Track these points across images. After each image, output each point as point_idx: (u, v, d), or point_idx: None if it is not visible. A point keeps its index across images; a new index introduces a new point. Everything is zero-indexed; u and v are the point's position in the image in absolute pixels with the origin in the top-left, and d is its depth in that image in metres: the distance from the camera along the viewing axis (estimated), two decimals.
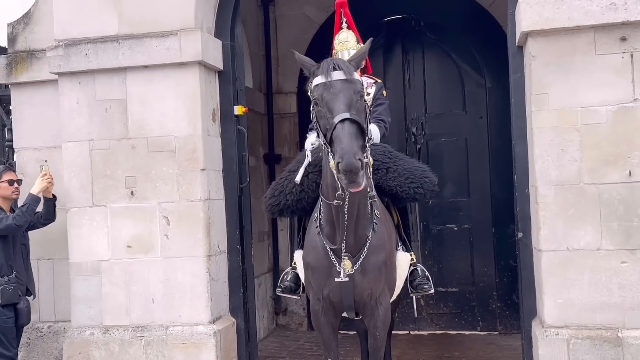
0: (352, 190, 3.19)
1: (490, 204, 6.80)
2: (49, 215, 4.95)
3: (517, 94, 4.68)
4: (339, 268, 3.52)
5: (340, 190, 3.27)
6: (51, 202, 4.93)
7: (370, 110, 4.41)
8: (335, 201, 3.38)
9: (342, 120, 3.09)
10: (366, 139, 3.20)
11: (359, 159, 2.99)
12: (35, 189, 4.79)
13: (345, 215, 3.42)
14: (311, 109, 3.36)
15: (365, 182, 3.12)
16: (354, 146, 3.02)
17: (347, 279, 3.53)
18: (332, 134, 3.11)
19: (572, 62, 4.31)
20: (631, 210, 4.23)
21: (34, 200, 4.74)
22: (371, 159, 3.34)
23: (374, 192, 3.54)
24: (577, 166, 4.30)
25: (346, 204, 3.38)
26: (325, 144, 3.22)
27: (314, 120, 3.35)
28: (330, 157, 3.16)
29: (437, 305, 6.92)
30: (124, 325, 4.98)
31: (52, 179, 4.87)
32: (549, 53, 4.34)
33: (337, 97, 3.18)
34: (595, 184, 4.28)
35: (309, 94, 3.40)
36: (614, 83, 4.25)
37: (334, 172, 3.13)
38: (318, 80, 3.29)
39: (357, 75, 3.36)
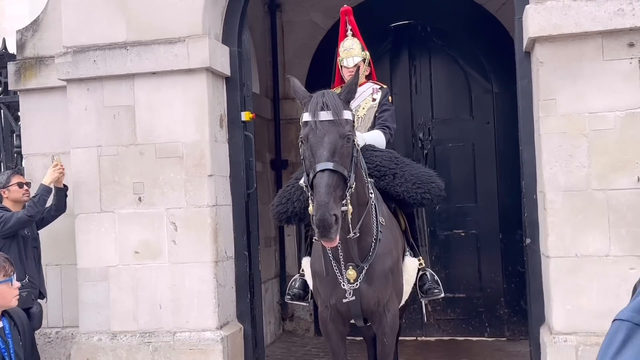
0: (324, 244, 3.19)
1: (497, 210, 6.78)
2: (60, 205, 4.97)
3: (525, 100, 4.67)
4: (343, 285, 3.50)
5: (316, 237, 3.23)
6: (62, 192, 4.96)
7: (376, 116, 4.44)
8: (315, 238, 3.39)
9: (322, 170, 3.04)
10: (347, 186, 3.15)
11: (334, 214, 2.96)
12: (47, 180, 4.82)
13: (339, 246, 3.39)
14: (299, 144, 3.31)
15: (338, 238, 3.07)
16: (330, 200, 2.98)
17: (353, 297, 3.52)
18: (312, 180, 3.08)
19: (579, 68, 4.30)
20: None
21: (45, 190, 4.78)
22: (350, 208, 3.23)
23: (356, 234, 3.42)
24: (586, 172, 4.29)
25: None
26: (306, 186, 3.19)
27: (301, 157, 3.30)
28: (310, 202, 3.13)
29: (444, 311, 6.90)
30: (132, 331, 4.99)
31: (63, 169, 4.90)
32: (556, 59, 4.33)
33: (321, 141, 3.12)
34: (604, 190, 4.26)
35: (300, 125, 3.37)
36: (622, 89, 4.24)
37: (311, 218, 3.09)
38: (305, 117, 3.23)
39: (346, 113, 3.25)
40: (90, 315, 5.06)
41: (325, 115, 3.16)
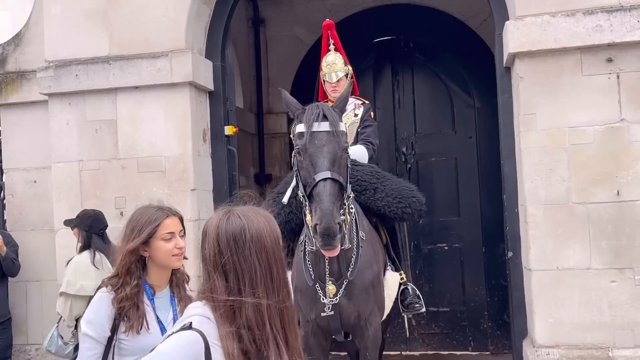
0: (326, 254, 3.15)
1: (480, 224, 6.79)
2: (12, 271, 5.11)
3: (506, 115, 4.72)
4: (322, 298, 3.49)
5: (315, 248, 3.21)
6: (7, 258, 5.03)
7: (358, 131, 4.45)
8: (310, 247, 3.40)
9: (325, 179, 3.03)
10: (345, 195, 3.16)
11: (338, 223, 2.95)
12: None
13: (327, 259, 3.39)
14: (293, 154, 3.29)
15: (339, 246, 3.06)
16: (334, 209, 2.98)
17: (332, 312, 3.49)
18: (312, 190, 3.06)
19: (559, 83, 4.35)
20: (619, 230, 4.25)
21: None
22: (348, 217, 3.26)
23: (349, 245, 3.43)
24: (566, 186, 4.32)
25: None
26: (303, 196, 3.16)
27: (295, 168, 3.28)
28: (307, 212, 3.11)
29: (428, 325, 6.89)
30: None
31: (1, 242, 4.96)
32: (536, 74, 4.38)
33: (321, 151, 3.11)
34: (584, 203, 4.30)
35: (292, 137, 3.37)
36: (601, 103, 4.29)
37: (310, 229, 3.07)
38: (302, 128, 3.21)
39: (342, 125, 3.29)
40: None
41: (323, 126, 3.18)
